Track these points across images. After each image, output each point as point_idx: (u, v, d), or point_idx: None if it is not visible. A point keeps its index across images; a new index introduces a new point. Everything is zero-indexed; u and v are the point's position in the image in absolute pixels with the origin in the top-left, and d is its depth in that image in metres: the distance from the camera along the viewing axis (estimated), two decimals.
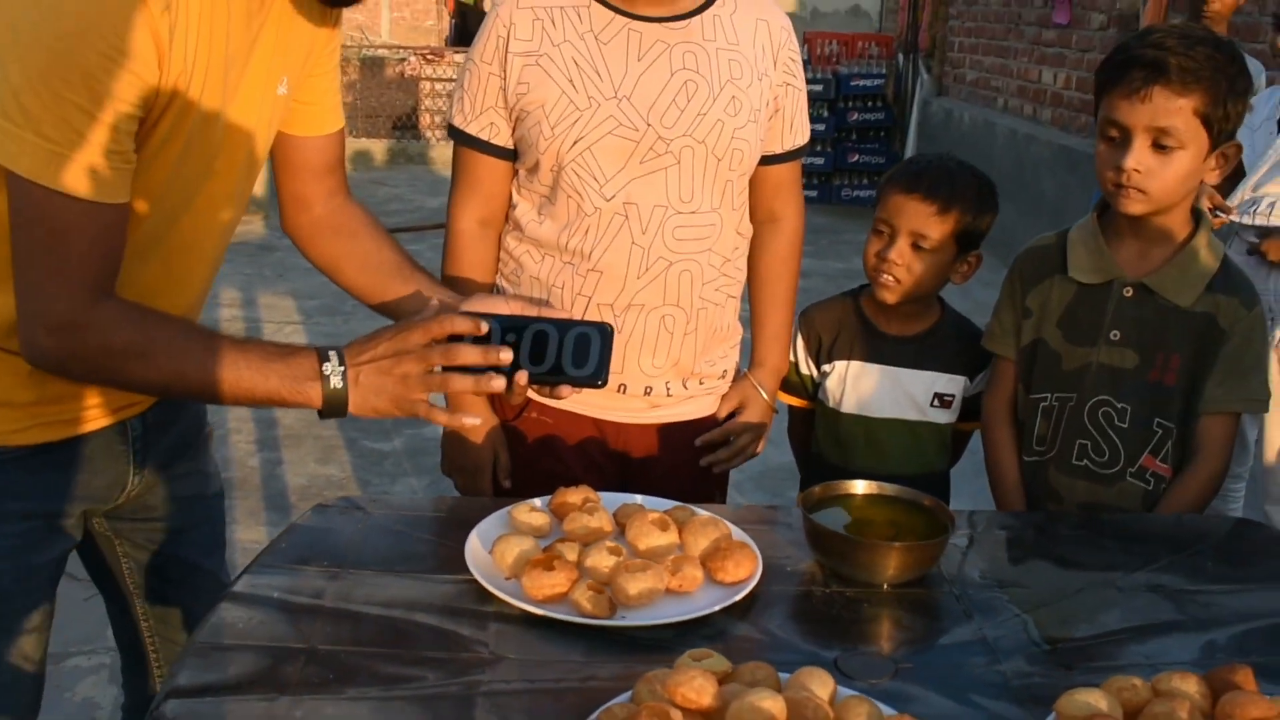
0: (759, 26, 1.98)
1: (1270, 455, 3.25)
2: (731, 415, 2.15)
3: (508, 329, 1.51)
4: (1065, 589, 1.57)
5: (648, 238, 1.91)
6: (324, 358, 1.45)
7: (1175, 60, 1.80)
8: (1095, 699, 1.21)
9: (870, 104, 10.71)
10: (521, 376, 1.50)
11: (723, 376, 2.12)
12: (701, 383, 2.07)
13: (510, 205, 2.02)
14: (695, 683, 1.13)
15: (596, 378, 1.52)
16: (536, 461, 2.04)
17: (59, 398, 1.52)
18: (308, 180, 1.77)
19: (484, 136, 1.95)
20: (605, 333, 1.54)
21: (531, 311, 1.57)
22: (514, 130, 1.94)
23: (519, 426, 2.06)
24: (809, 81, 10.53)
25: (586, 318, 1.91)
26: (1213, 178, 1.92)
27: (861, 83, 10.62)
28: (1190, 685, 1.25)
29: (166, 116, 1.41)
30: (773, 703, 1.10)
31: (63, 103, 1.28)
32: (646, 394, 2.02)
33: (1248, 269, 3.23)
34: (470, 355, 1.47)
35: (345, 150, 1.81)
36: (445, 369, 1.47)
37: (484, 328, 1.48)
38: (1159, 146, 1.84)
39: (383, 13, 23.92)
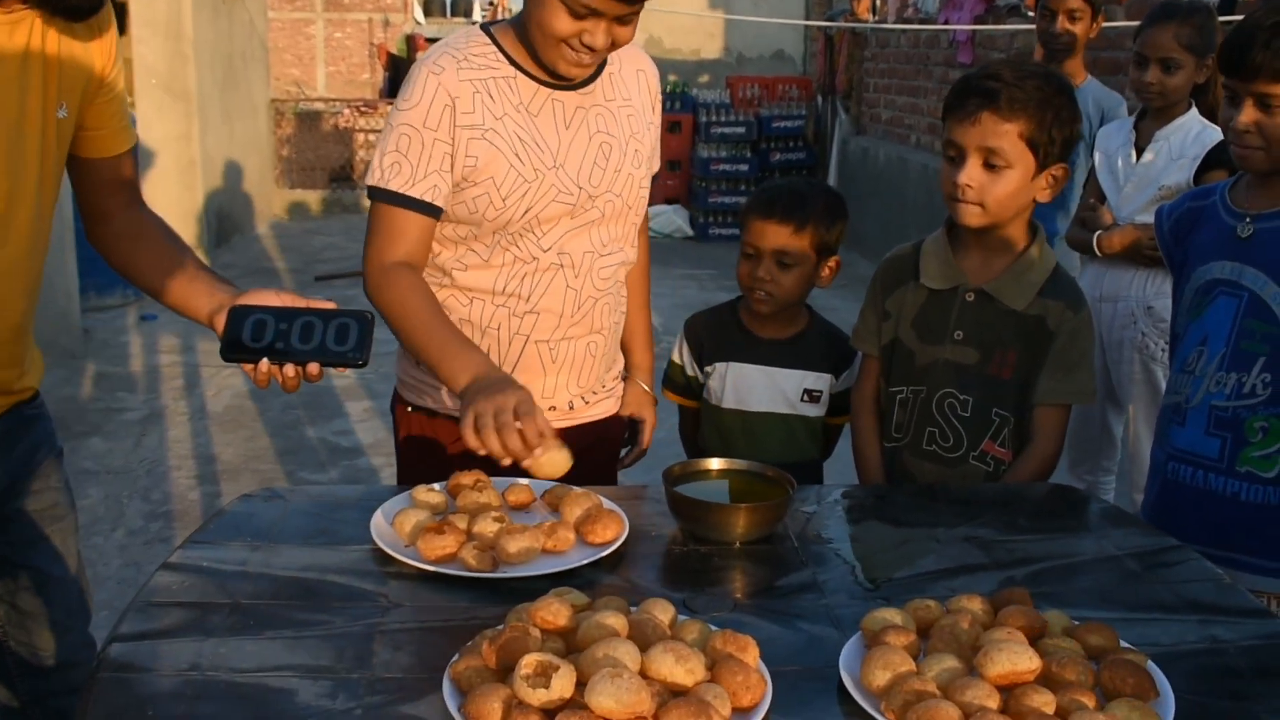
0: (639, 77, 2.18)
1: (1134, 449, 3.50)
2: (630, 416, 2.36)
3: (280, 319, 1.77)
4: (892, 542, 1.81)
5: (580, 281, 2.11)
6: None
7: (1005, 90, 2.06)
8: (893, 616, 1.45)
9: (792, 144, 11.07)
10: (314, 366, 1.77)
11: (616, 378, 2.33)
12: (605, 386, 2.28)
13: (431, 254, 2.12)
14: (552, 607, 1.36)
15: (357, 356, 1.76)
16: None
17: None
18: (105, 196, 1.97)
19: (427, 198, 2.01)
20: (364, 320, 1.78)
21: (301, 304, 1.80)
22: (453, 194, 2.04)
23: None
24: (733, 124, 10.90)
25: (511, 351, 2.11)
26: (1044, 196, 2.16)
27: (783, 124, 11.00)
28: (975, 604, 1.49)
29: None
30: (616, 619, 1.33)
31: None
32: (571, 409, 2.21)
33: (1106, 274, 3.50)
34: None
35: (137, 164, 2.01)
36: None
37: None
38: (989, 165, 2.09)
39: (318, 67, 24.10)
